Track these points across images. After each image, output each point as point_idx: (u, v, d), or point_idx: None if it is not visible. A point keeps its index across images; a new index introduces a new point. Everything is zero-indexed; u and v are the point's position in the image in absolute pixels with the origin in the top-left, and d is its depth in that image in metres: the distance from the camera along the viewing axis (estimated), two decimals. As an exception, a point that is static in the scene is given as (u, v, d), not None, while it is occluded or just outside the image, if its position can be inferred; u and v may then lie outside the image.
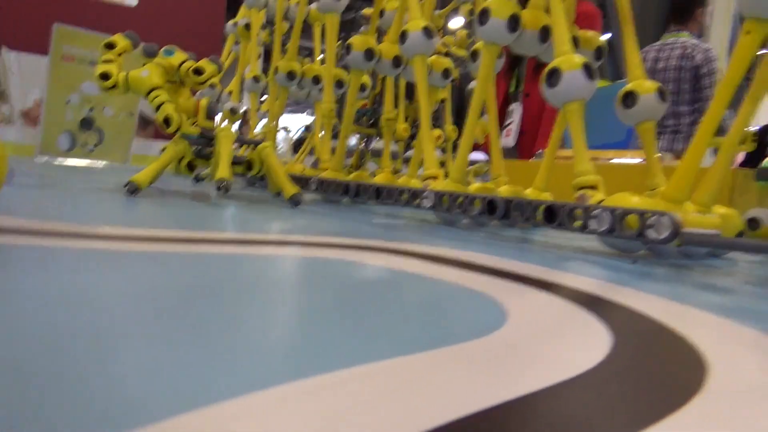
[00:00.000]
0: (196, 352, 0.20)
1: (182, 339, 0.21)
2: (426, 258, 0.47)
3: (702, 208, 0.51)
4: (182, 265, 0.37)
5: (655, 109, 0.64)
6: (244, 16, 1.52)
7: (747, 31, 0.50)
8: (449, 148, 1.50)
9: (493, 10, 0.67)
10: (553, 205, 0.58)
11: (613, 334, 0.27)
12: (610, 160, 1.06)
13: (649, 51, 1.85)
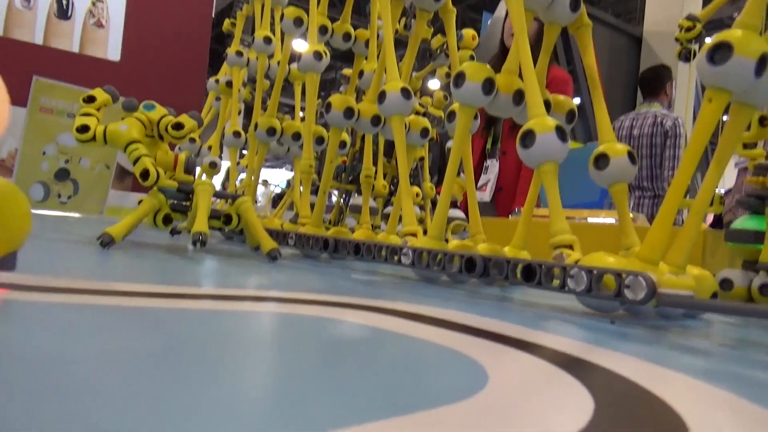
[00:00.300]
0: (166, 412, 0.19)
1: (152, 399, 0.20)
2: (405, 316, 0.46)
3: (676, 269, 0.52)
4: (156, 320, 0.36)
5: (627, 171, 0.66)
6: (225, 73, 1.55)
7: (709, 99, 0.52)
8: (427, 205, 1.52)
9: (468, 74, 0.70)
10: (531, 264, 0.59)
11: (594, 398, 0.27)
12: (585, 219, 1.09)
13: (624, 120, 2.01)
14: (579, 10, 0.71)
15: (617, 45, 4.41)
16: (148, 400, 0.20)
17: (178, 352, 0.29)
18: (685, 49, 0.82)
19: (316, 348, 0.33)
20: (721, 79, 0.50)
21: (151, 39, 2.90)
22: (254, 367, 0.29)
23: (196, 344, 0.31)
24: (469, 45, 1.32)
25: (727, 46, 0.49)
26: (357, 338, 0.38)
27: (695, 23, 0.81)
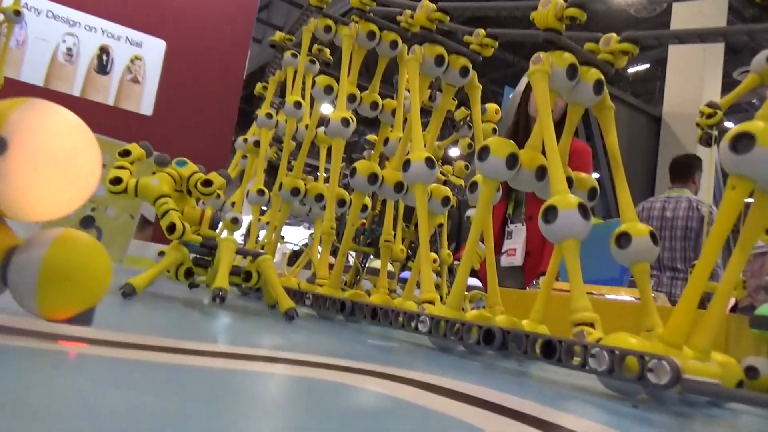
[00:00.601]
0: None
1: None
2: (422, 386, 0.46)
3: (700, 354, 0.51)
4: (168, 377, 0.36)
5: (649, 252, 0.66)
6: (254, 133, 1.60)
7: (732, 186, 0.53)
8: (444, 272, 1.51)
9: (492, 148, 0.72)
10: (552, 340, 0.58)
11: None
12: (604, 295, 1.07)
13: (654, 202, 2.06)
14: (602, 93, 0.73)
15: (636, 124, 4.48)
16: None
17: (187, 412, 0.29)
18: (706, 135, 0.84)
19: (330, 415, 0.33)
20: (743, 167, 0.51)
21: (184, 96, 3.02)
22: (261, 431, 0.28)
23: (203, 404, 0.31)
24: (492, 118, 1.36)
25: (750, 136, 0.50)
26: (373, 407, 0.37)
27: (716, 110, 0.83)
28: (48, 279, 0.36)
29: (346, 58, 1.09)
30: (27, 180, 0.36)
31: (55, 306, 0.37)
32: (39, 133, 0.37)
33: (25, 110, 0.37)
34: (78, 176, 0.38)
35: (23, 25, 2.56)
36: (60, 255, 0.37)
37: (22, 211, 0.37)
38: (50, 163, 0.37)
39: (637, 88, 7.22)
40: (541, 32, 0.71)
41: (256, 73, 8.00)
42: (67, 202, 0.38)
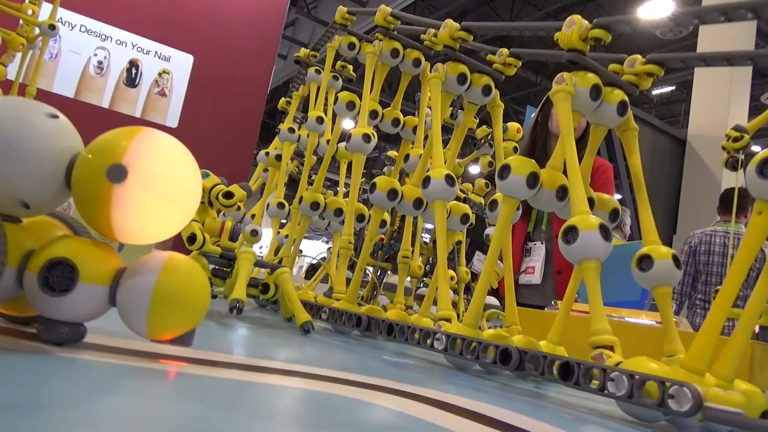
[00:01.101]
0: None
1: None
2: (437, 404, 0.45)
3: (723, 382, 0.49)
4: (180, 386, 0.36)
5: (671, 275, 0.65)
6: (276, 147, 1.62)
7: (759, 212, 0.52)
8: (461, 289, 1.50)
9: (513, 167, 0.71)
10: (570, 362, 0.57)
11: None
12: (624, 318, 1.06)
13: (713, 235, 2.04)
14: (626, 114, 0.73)
15: (660, 146, 4.43)
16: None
17: (202, 422, 0.29)
18: (732, 158, 0.82)
19: (342, 430, 0.33)
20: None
21: (208, 109, 3.07)
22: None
23: (221, 415, 0.31)
24: (514, 137, 1.35)
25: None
26: (385, 423, 0.37)
27: (743, 134, 0.82)
28: (158, 303, 0.38)
29: (369, 75, 1.11)
30: (142, 206, 0.38)
31: (162, 328, 0.39)
32: (153, 161, 0.39)
33: (142, 140, 0.39)
34: (184, 201, 0.40)
35: (57, 39, 2.64)
36: (170, 281, 0.38)
37: (133, 235, 0.40)
38: (162, 190, 0.39)
39: (661, 110, 7.15)
40: (564, 53, 0.71)
41: (280, 88, 8.12)
42: (174, 226, 0.40)
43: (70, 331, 0.39)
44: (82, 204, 0.39)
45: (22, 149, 0.37)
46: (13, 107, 0.38)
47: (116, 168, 0.37)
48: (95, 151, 0.39)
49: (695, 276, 2.06)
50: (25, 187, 0.38)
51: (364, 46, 1.17)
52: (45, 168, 0.38)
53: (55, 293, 0.37)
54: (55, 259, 0.38)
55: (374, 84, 1.12)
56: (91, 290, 0.38)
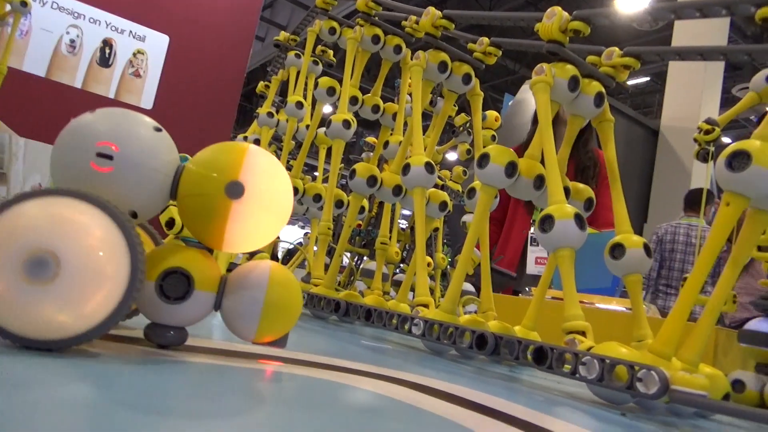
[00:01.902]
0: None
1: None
2: (414, 387, 0.46)
3: (689, 366, 0.52)
4: (156, 374, 0.36)
5: (642, 263, 0.67)
6: (254, 132, 1.60)
7: (726, 203, 0.54)
8: (438, 275, 1.52)
9: (492, 156, 0.73)
10: (543, 346, 0.59)
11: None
12: (596, 305, 1.08)
13: (678, 227, 2.26)
14: (603, 105, 0.74)
15: (634, 136, 4.50)
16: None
17: (168, 406, 0.29)
18: (703, 150, 0.85)
19: (323, 412, 0.34)
20: (738, 185, 0.52)
21: (184, 91, 3.02)
22: (254, 428, 0.29)
23: (191, 399, 0.31)
24: (492, 126, 1.37)
25: (746, 155, 0.51)
26: (365, 405, 0.38)
27: (714, 127, 0.84)
28: (269, 312, 0.41)
29: (350, 61, 1.10)
30: (255, 220, 0.41)
31: (268, 334, 0.42)
32: (264, 177, 0.41)
33: (252, 157, 0.41)
34: (285, 212, 0.43)
35: (28, 16, 2.56)
36: (278, 292, 0.42)
37: (242, 246, 0.43)
38: (270, 203, 0.42)
39: (636, 100, 7.25)
40: (544, 43, 0.72)
41: (257, 70, 8.01)
42: (274, 234, 0.43)
43: (177, 335, 0.42)
44: (193, 217, 0.41)
45: (136, 163, 0.39)
46: (125, 121, 0.40)
47: (234, 185, 0.39)
48: (211, 167, 0.41)
49: (661, 263, 2.27)
50: (138, 198, 0.40)
51: (345, 31, 1.16)
52: (156, 181, 0.40)
53: (171, 301, 0.40)
54: (171, 269, 0.40)
55: (355, 70, 1.12)
56: (202, 297, 0.41)
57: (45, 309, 0.33)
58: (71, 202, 0.35)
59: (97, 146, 0.38)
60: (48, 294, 0.33)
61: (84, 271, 0.34)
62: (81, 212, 0.35)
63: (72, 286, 0.33)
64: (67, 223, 0.34)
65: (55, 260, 0.33)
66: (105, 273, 0.34)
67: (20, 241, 0.33)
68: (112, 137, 0.39)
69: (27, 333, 0.33)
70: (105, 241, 0.35)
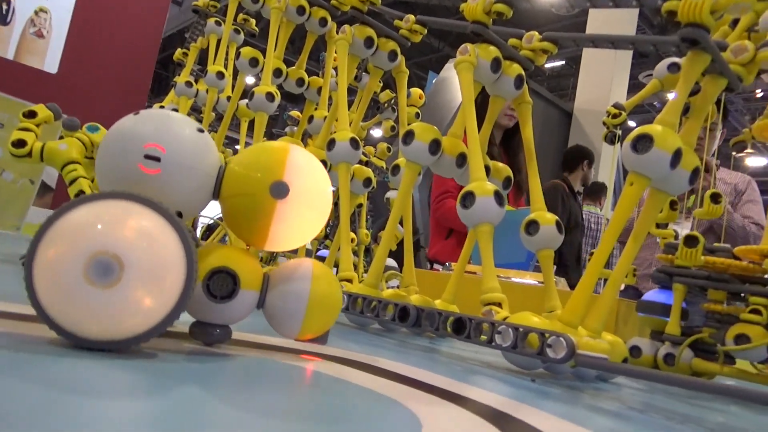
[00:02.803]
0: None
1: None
2: (340, 361, 0.47)
3: (593, 333, 0.56)
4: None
5: (554, 239, 0.71)
6: (171, 101, 1.53)
7: (630, 183, 0.58)
8: (361, 251, 1.54)
9: (417, 133, 0.74)
10: (462, 317, 0.61)
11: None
12: (512, 279, 1.14)
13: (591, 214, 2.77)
14: (522, 87, 0.77)
15: (550, 118, 4.70)
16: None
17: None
18: (611, 133, 0.90)
19: (247, 388, 0.34)
20: (641, 166, 0.56)
21: (94, 55, 2.83)
22: (177, 406, 0.29)
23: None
24: (417, 103, 1.38)
25: (649, 138, 0.55)
26: (290, 380, 0.38)
27: (621, 111, 0.89)
28: (313, 309, 0.42)
29: (274, 32, 1.07)
30: (299, 219, 0.42)
31: (311, 331, 0.43)
32: (306, 176, 0.42)
33: (294, 156, 0.42)
34: (326, 209, 0.44)
35: None
36: (321, 287, 0.42)
37: (285, 244, 0.43)
38: (312, 202, 0.42)
39: (552, 83, 7.55)
40: (469, 24, 0.74)
41: (175, 36, 7.61)
42: (313, 233, 0.44)
43: (222, 333, 0.43)
44: (237, 217, 0.42)
45: (183, 165, 0.39)
46: (170, 122, 0.40)
47: (279, 185, 0.40)
48: (254, 168, 0.41)
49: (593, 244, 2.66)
50: (183, 199, 0.40)
51: (269, 0, 1.13)
52: (200, 181, 0.41)
53: (218, 300, 0.40)
54: (217, 268, 0.40)
55: (279, 41, 1.09)
56: (247, 296, 0.41)
57: (108, 311, 0.33)
58: (128, 205, 0.35)
59: (145, 148, 0.39)
60: (111, 297, 0.33)
61: (147, 275, 0.34)
62: (140, 215, 0.35)
63: (135, 289, 0.34)
64: (129, 227, 0.34)
65: (119, 264, 0.33)
66: (165, 276, 0.35)
67: (83, 244, 0.33)
68: (158, 139, 0.39)
69: (88, 334, 0.34)
70: (164, 245, 0.35)
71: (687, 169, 0.58)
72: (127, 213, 0.35)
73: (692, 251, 0.75)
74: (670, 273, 0.80)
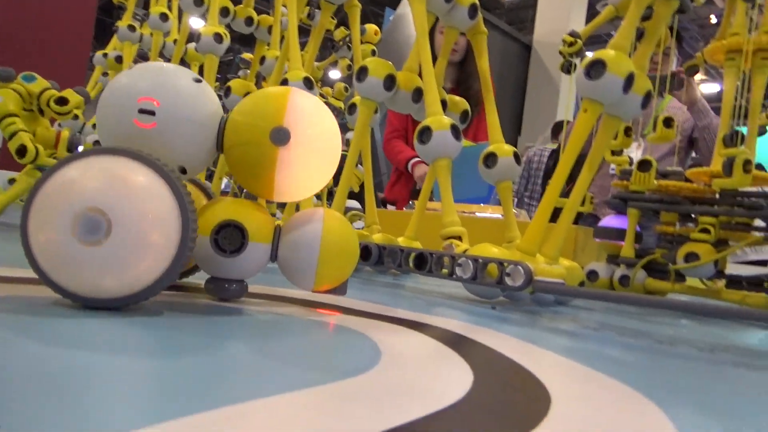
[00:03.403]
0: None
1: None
2: (306, 303, 0.47)
3: (550, 260, 0.57)
4: (29, 304, 0.34)
5: (512, 170, 0.71)
6: (115, 48, 1.46)
7: (584, 110, 0.58)
8: (324, 195, 1.53)
9: (371, 69, 0.72)
10: (423, 252, 0.62)
11: (474, 371, 0.30)
12: (473, 213, 1.15)
13: (538, 149, 2.72)
14: (476, 18, 0.75)
15: (509, 51, 4.66)
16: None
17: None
18: (567, 62, 0.90)
19: (217, 333, 0.34)
20: (595, 92, 0.56)
21: (28, 1, 2.64)
22: (146, 349, 0.29)
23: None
24: (372, 40, 1.34)
25: (602, 64, 0.55)
26: (265, 322, 0.39)
27: (577, 39, 0.89)
28: (326, 257, 0.40)
29: (217, -33, 1.02)
30: (303, 166, 0.39)
31: (328, 279, 0.41)
32: (309, 120, 0.39)
33: (295, 99, 0.39)
34: (334, 155, 0.41)
35: None
36: (333, 236, 0.40)
37: (292, 194, 0.41)
38: (318, 147, 0.40)
39: (511, 15, 7.44)
40: (418, -48, 0.71)
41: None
42: (322, 181, 0.41)
43: (238, 288, 0.42)
44: (241, 167, 0.40)
45: (179, 117, 0.38)
46: (163, 74, 0.39)
47: (279, 131, 0.38)
48: (254, 115, 0.39)
49: (527, 179, 2.64)
50: (184, 153, 0.39)
51: (209, -67, 1.06)
52: (199, 133, 0.39)
53: (227, 254, 0.39)
54: (224, 222, 0.39)
55: (223, -23, 1.03)
56: (258, 249, 0.40)
57: (93, 270, 0.32)
58: (120, 161, 0.34)
59: (139, 102, 0.37)
60: (96, 256, 0.32)
61: (134, 235, 0.33)
62: (132, 171, 0.34)
63: (121, 249, 0.32)
64: (119, 184, 0.33)
65: (107, 222, 0.32)
66: (156, 232, 0.34)
67: (74, 199, 0.32)
68: (152, 92, 0.38)
69: (79, 291, 0.33)
70: (155, 200, 0.34)
71: (639, 93, 0.58)
72: (117, 169, 0.34)
73: (645, 175, 0.77)
74: (625, 198, 0.82)
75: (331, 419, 0.20)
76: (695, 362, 0.41)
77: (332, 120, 0.42)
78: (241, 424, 0.19)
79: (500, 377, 0.30)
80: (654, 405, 0.27)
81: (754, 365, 0.42)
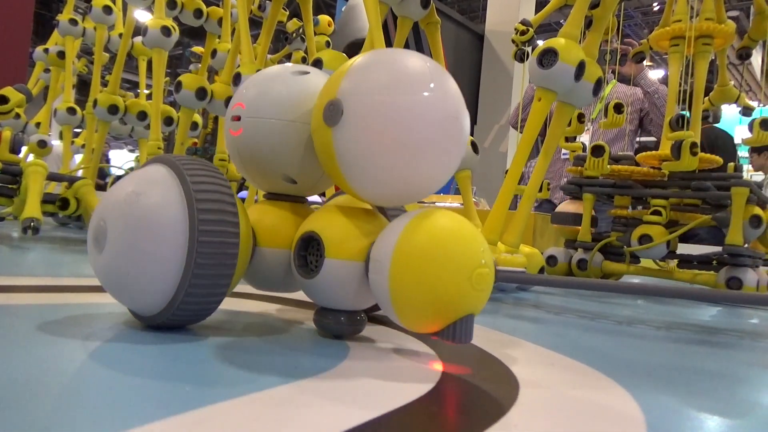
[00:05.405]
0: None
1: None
2: (265, 299, 0.47)
3: (511, 248, 0.58)
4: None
5: (471, 160, 0.72)
6: (56, 42, 1.40)
7: (539, 98, 0.59)
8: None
9: (325, 61, 0.71)
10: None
11: (443, 360, 0.30)
12: (434, 203, 1.16)
13: None
14: (429, 7, 0.75)
15: (462, 41, 4.70)
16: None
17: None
18: (520, 51, 0.91)
19: (176, 333, 0.33)
20: (548, 81, 0.57)
21: (-42, -4, 2.50)
22: (106, 356, 0.28)
23: (26, 339, 0.29)
24: (325, 31, 1.33)
25: (554, 52, 0.56)
26: (219, 321, 0.38)
27: (528, 28, 0.90)
28: (398, 304, 0.29)
29: (162, -42, 0.98)
30: (365, 150, 0.30)
31: (415, 321, 0.30)
32: (367, 90, 0.30)
33: (354, 68, 0.31)
34: (416, 138, 0.30)
35: None
36: (403, 280, 0.29)
37: (366, 187, 0.31)
38: (377, 126, 0.29)
39: (462, 5, 7.50)
40: (369, -60, 0.70)
41: (53, -29, 6.84)
42: (397, 168, 0.30)
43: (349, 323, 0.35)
44: (321, 162, 0.33)
45: (260, 117, 0.33)
46: (261, 74, 0.35)
47: (330, 106, 0.30)
48: (320, 94, 0.32)
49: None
50: (280, 158, 0.34)
51: None
52: (289, 133, 0.33)
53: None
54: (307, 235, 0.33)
55: (169, -32, 1.00)
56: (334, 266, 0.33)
57: (104, 278, 0.30)
58: (152, 169, 0.31)
59: (231, 110, 0.34)
60: (101, 262, 0.30)
61: (129, 239, 0.28)
62: (144, 178, 0.30)
63: (117, 256, 0.29)
64: (122, 191, 0.30)
65: (106, 228, 0.29)
66: (153, 241, 0.29)
67: (98, 209, 0.31)
68: (240, 96, 0.34)
69: (124, 305, 0.32)
70: (152, 209, 0.29)
71: (590, 80, 0.60)
72: (131, 176, 0.31)
73: (599, 161, 0.79)
74: (579, 184, 0.84)
75: (307, 414, 0.20)
76: (653, 341, 0.42)
77: (401, 88, 0.29)
78: (199, 430, 0.18)
79: (468, 365, 0.30)
80: (617, 384, 0.28)
81: (709, 341, 0.44)
